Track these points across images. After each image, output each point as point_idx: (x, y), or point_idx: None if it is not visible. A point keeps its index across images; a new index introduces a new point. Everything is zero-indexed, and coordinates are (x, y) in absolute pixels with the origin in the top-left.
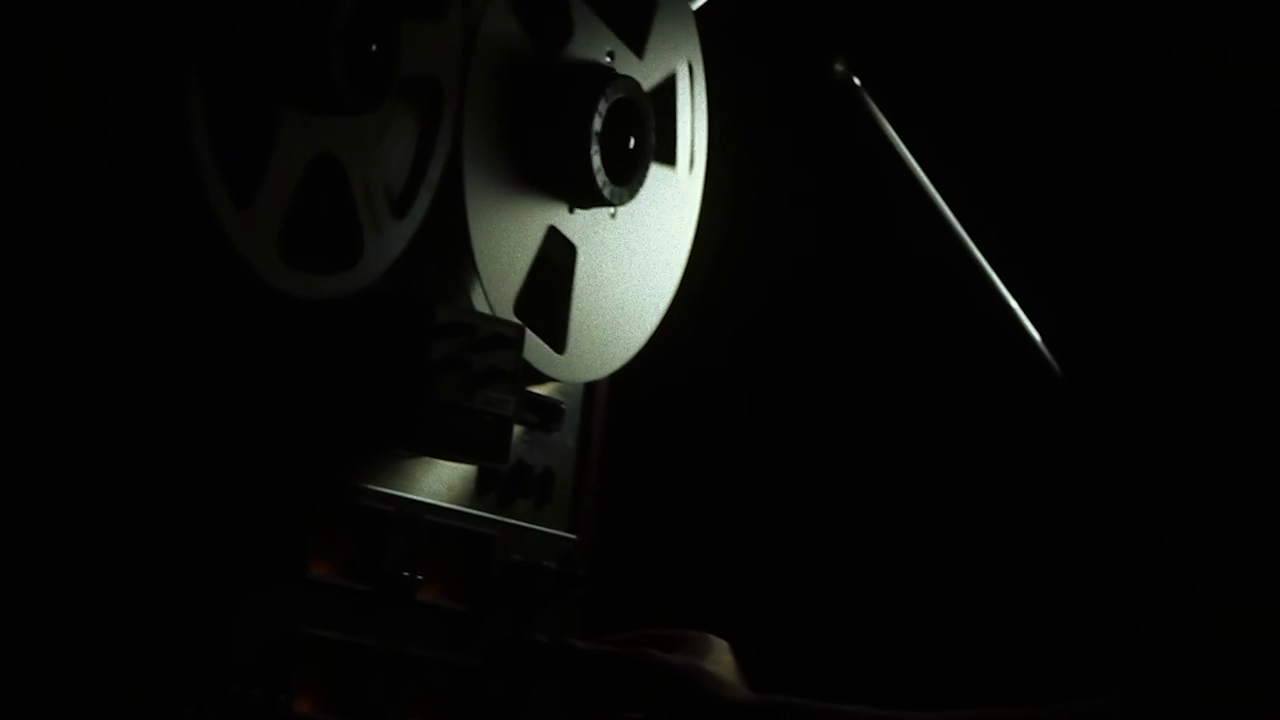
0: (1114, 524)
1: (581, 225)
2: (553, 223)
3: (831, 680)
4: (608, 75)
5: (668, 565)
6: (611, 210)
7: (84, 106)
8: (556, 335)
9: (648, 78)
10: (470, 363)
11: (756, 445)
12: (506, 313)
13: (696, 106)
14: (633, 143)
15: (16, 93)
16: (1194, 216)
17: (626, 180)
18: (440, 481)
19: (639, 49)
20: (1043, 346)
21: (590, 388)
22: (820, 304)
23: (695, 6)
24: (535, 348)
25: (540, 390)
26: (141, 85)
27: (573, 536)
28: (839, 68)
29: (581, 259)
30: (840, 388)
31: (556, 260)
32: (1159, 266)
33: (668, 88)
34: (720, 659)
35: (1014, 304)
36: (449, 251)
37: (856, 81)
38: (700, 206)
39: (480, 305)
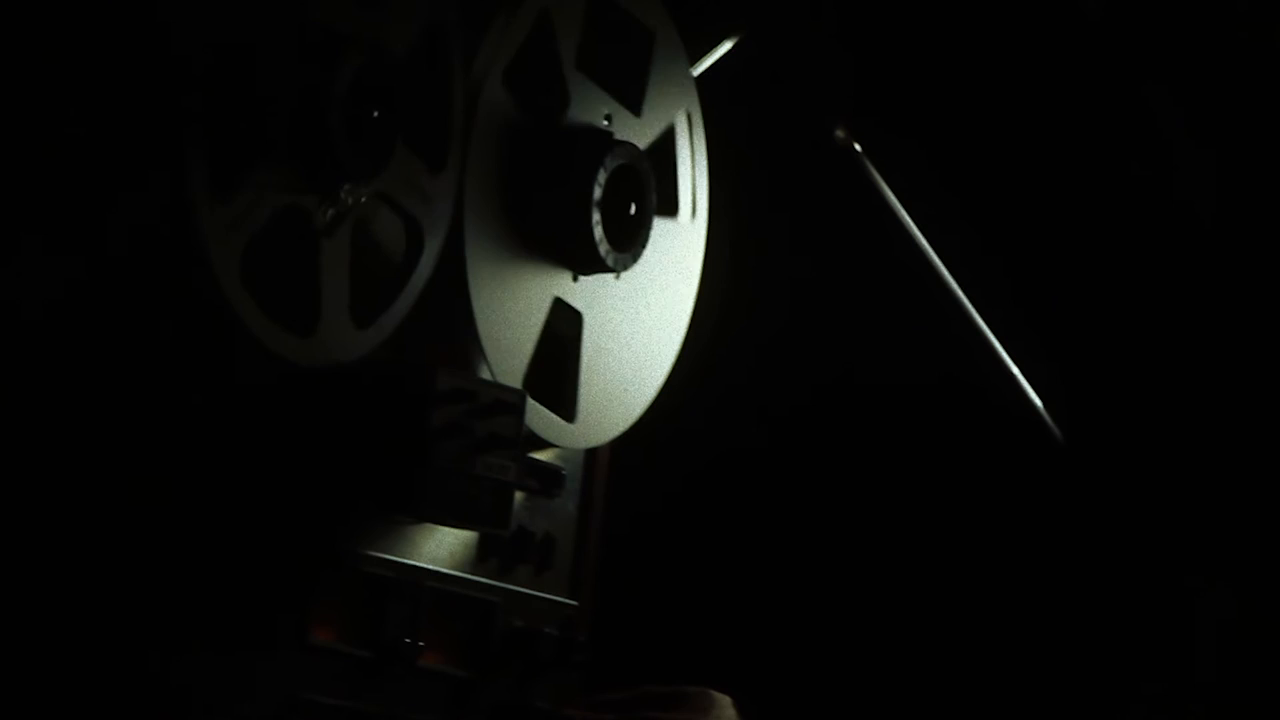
0: (1111, 586)
1: (586, 291)
2: (558, 294)
3: None
4: (608, 142)
5: (667, 624)
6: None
7: (89, 182)
8: (566, 405)
9: (647, 133)
10: (472, 429)
11: (754, 504)
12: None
13: (697, 155)
14: (634, 209)
15: (17, 162)
16: (1188, 282)
17: (628, 246)
18: (442, 548)
19: (636, 106)
20: (1043, 410)
21: (591, 453)
22: (818, 366)
23: (696, 73)
24: (544, 419)
25: (541, 456)
26: (147, 159)
27: (574, 603)
28: (840, 133)
29: (588, 325)
30: (839, 449)
31: (563, 331)
32: (1156, 331)
33: (667, 138)
34: (723, 715)
35: (1014, 367)
36: (452, 316)
37: (857, 147)
38: (704, 255)
39: (484, 369)
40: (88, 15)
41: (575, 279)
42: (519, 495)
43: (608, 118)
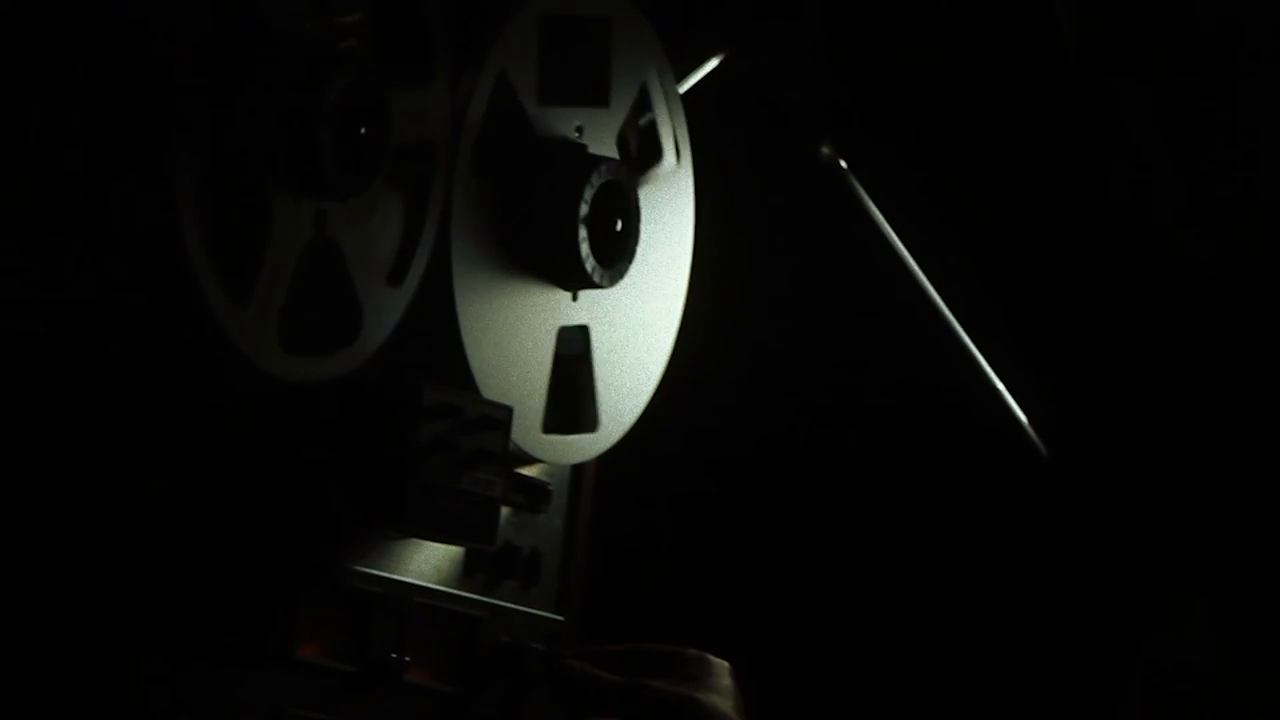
0: (1097, 605)
1: (587, 303)
2: (561, 323)
3: None
4: (590, 161)
5: (655, 639)
6: None
7: (77, 200)
8: (586, 419)
9: (620, 109)
10: (458, 444)
11: (741, 518)
12: (535, 432)
13: (671, 102)
14: (619, 225)
15: (8, 182)
16: (1174, 303)
17: (614, 262)
18: (428, 563)
19: (604, 96)
20: (1029, 428)
21: (577, 468)
22: (804, 384)
23: (682, 90)
24: (564, 443)
25: (527, 471)
26: (133, 179)
27: (560, 618)
28: (825, 150)
29: (595, 335)
30: (825, 466)
31: (571, 352)
32: (1144, 351)
33: (641, 97)
34: (719, 685)
35: (1000, 385)
36: (439, 330)
37: (843, 164)
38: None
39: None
40: (74, 18)
41: (575, 298)
42: (505, 510)
43: (579, 129)
